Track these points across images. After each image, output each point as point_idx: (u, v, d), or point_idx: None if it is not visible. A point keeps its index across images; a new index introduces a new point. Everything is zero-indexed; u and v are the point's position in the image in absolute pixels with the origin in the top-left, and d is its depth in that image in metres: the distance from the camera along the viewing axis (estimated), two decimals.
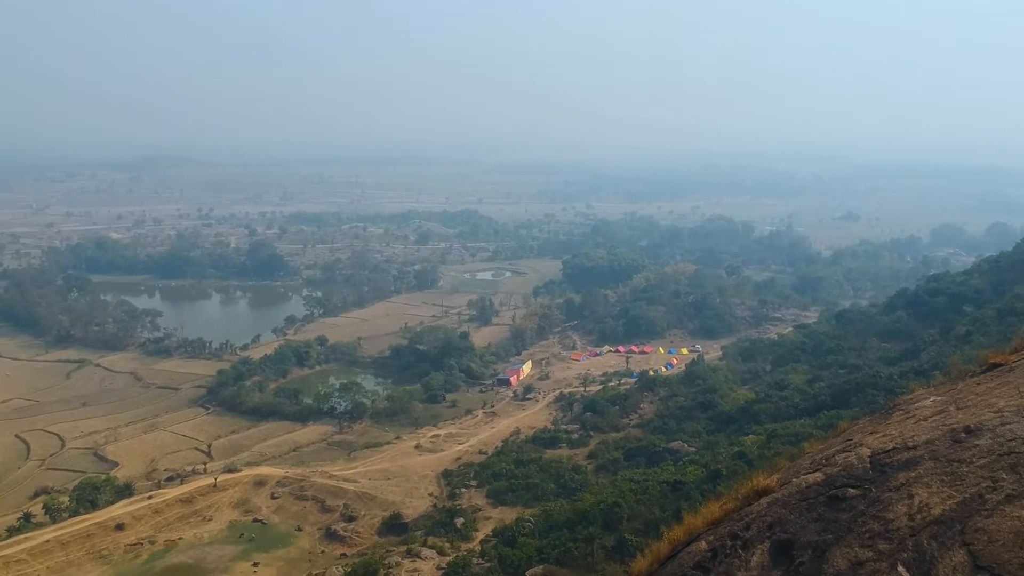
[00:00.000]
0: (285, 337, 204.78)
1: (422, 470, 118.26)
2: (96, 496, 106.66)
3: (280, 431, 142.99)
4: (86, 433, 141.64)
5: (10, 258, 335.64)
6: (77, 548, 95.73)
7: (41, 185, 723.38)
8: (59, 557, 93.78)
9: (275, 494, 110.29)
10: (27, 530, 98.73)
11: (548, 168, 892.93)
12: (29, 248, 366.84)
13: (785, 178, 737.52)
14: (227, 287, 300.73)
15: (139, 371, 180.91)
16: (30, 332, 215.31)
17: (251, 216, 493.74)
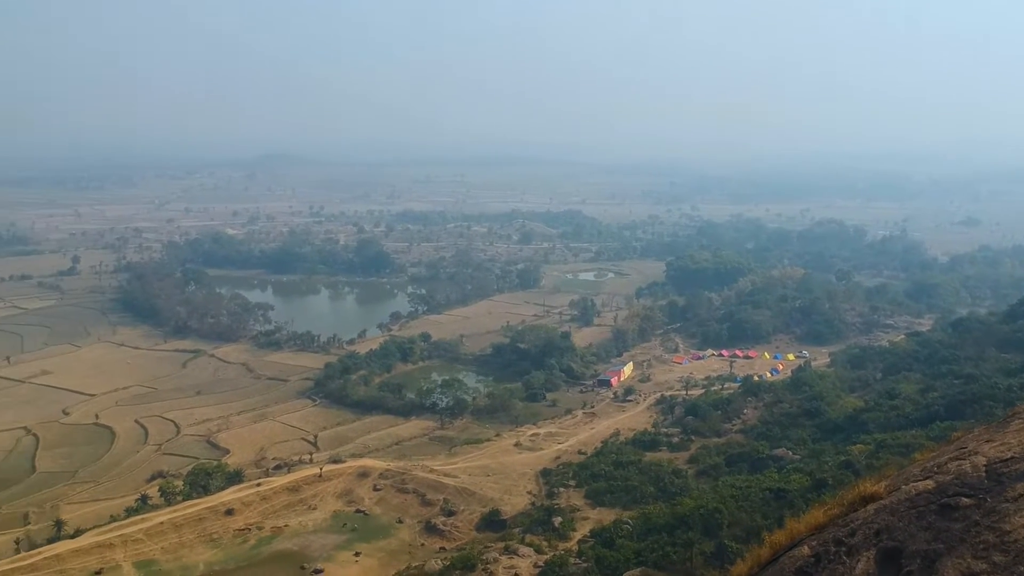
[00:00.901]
0: (390, 333, 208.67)
1: (521, 468, 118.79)
2: (208, 481, 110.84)
3: (383, 424, 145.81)
4: (200, 421, 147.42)
5: (133, 251, 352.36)
6: (189, 531, 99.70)
7: (163, 182, 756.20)
8: (172, 538, 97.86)
9: (377, 486, 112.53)
10: (144, 511, 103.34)
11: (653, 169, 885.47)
12: (151, 242, 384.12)
13: (900, 180, 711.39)
14: (335, 283, 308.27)
15: (251, 362, 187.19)
16: (150, 322, 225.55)
17: (360, 214, 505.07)
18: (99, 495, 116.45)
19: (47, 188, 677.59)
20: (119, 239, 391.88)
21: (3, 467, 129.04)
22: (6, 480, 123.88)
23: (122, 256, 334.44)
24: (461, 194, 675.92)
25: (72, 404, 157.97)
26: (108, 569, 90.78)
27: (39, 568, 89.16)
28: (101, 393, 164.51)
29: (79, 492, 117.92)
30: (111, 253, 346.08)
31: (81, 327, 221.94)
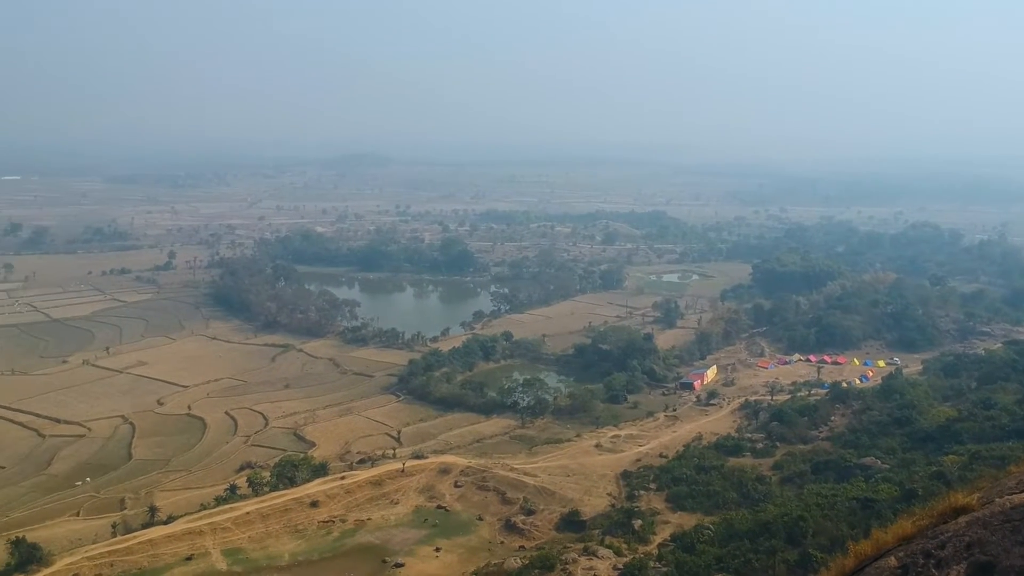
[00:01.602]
0: (473, 331, 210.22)
1: (601, 469, 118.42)
2: (294, 473, 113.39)
3: (465, 422, 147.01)
4: (287, 414, 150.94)
5: (226, 247, 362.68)
6: (276, 521, 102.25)
7: (256, 181, 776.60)
8: (259, 528, 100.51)
9: (458, 483, 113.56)
10: (233, 500, 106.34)
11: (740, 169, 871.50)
12: (243, 239, 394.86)
13: (999, 184, 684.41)
14: (420, 281, 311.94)
15: (337, 357, 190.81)
16: (242, 317, 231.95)
17: (444, 213, 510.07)
18: (190, 483, 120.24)
19: (146, 186, 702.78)
20: (213, 235, 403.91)
21: (102, 454, 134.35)
22: (104, 466, 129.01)
23: (215, 252, 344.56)
24: (545, 194, 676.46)
25: (166, 395, 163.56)
26: (198, 556, 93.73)
27: (134, 552, 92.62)
28: (194, 385, 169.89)
29: (172, 480, 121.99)
30: (205, 249, 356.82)
31: (176, 320, 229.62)
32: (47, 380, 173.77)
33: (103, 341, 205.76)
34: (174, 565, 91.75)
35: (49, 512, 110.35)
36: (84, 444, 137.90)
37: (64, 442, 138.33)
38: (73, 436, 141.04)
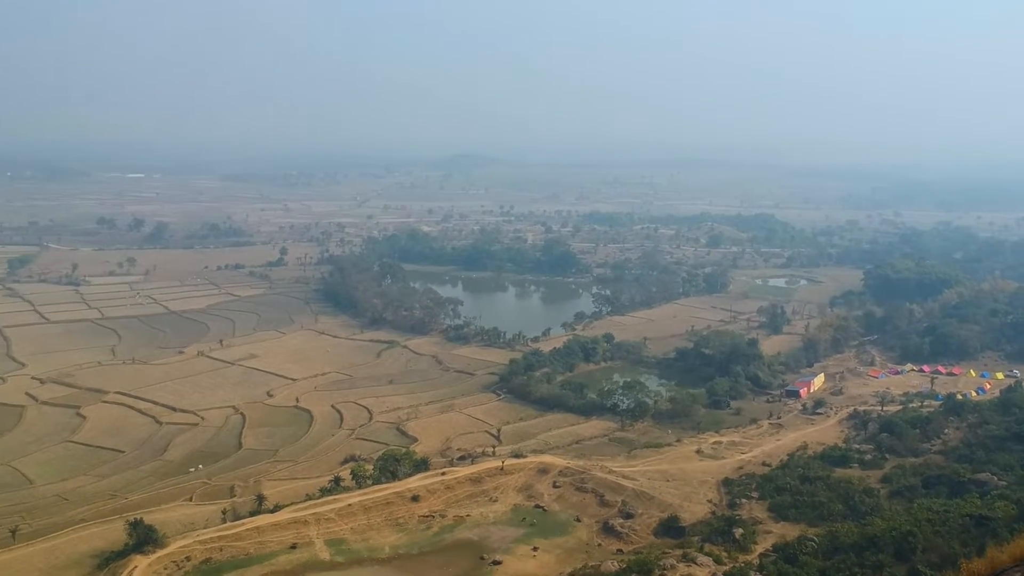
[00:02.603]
0: (574, 332, 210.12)
1: (702, 475, 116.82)
2: (396, 467, 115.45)
3: (564, 423, 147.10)
4: (391, 409, 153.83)
5: (335, 245, 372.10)
6: (377, 514, 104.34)
7: (365, 180, 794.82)
8: (361, 520, 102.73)
9: (557, 483, 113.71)
10: (336, 492, 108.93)
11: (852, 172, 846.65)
12: (351, 237, 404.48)
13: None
14: (522, 281, 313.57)
15: (440, 355, 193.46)
16: (349, 313, 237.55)
17: (548, 214, 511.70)
18: (297, 474, 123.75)
19: (260, 184, 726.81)
20: (323, 233, 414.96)
21: (214, 442, 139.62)
22: (216, 454, 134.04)
23: (325, 249, 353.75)
24: (649, 196, 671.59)
25: (276, 387, 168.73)
26: (302, 545, 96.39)
27: (242, 538, 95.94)
28: (302, 378, 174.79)
29: (279, 470, 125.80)
30: (315, 246, 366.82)
31: (286, 315, 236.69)
32: (165, 370, 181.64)
33: (217, 334, 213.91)
34: (279, 553, 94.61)
35: (164, 496, 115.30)
36: (198, 432, 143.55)
37: (179, 430, 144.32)
38: (187, 424, 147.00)
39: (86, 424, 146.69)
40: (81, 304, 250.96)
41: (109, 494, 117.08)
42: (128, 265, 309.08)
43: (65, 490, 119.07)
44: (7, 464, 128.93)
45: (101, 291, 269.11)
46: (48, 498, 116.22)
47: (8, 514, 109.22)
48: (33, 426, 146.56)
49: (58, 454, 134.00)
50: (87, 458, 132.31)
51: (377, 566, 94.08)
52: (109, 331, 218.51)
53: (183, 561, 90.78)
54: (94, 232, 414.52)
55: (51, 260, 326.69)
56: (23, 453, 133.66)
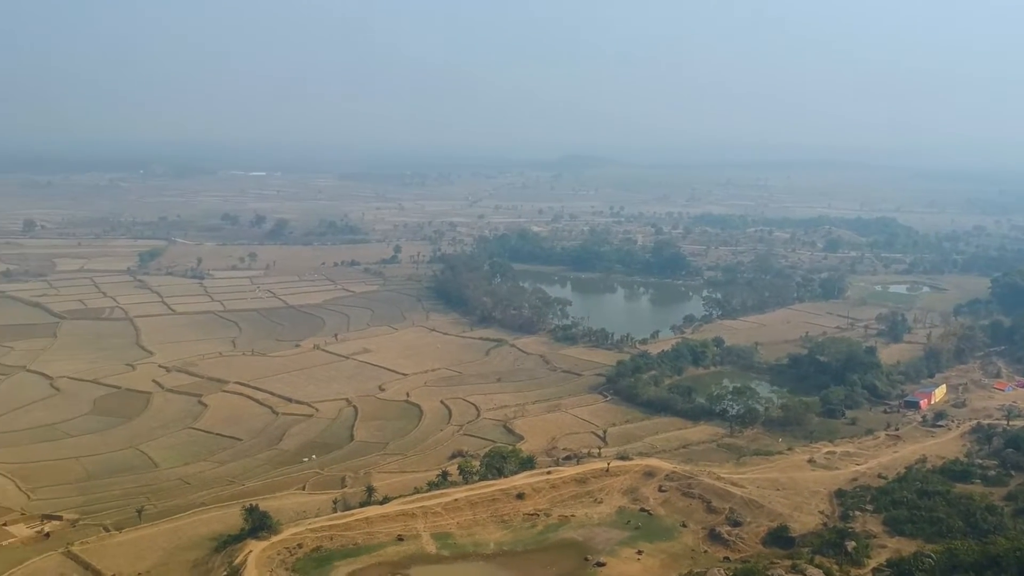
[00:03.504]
0: (683, 335, 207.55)
1: (813, 485, 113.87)
2: (502, 464, 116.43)
3: (671, 426, 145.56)
4: (498, 406, 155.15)
5: (447, 244, 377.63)
6: (483, 510, 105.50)
7: (477, 181, 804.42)
8: (467, 515, 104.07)
9: (663, 487, 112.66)
10: (444, 487, 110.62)
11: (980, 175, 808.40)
12: (463, 236, 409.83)
13: None
14: (631, 282, 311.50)
15: (547, 354, 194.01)
16: (459, 311, 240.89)
17: (658, 215, 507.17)
18: (405, 467, 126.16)
19: (376, 183, 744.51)
20: (435, 232, 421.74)
21: (327, 433, 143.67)
22: (328, 445, 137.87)
23: (437, 248, 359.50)
24: (763, 198, 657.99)
25: (387, 381, 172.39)
26: (409, 537, 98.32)
27: (352, 528, 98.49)
28: (412, 373, 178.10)
29: (389, 462, 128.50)
30: (428, 244, 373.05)
31: (398, 311, 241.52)
32: (282, 362, 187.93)
33: (332, 328, 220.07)
34: (387, 544, 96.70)
35: (279, 484, 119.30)
36: (312, 423, 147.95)
37: (294, 420, 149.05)
38: (302, 415, 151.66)
39: (207, 412, 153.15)
40: (205, 297, 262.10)
41: (227, 480, 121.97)
42: (250, 260, 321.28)
43: (187, 474, 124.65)
44: (135, 447, 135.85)
45: (224, 284, 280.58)
46: (172, 481, 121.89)
47: (135, 495, 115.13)
48: (159, 412, 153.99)
49: (181, 440, 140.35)
50: (208, 444, 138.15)
51: (482, 561, 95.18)
52: (231, 323, 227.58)
53: (295, 548, 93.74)
54: (218, 228, 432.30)
55: (178, 254, 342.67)
56: (150, 437, 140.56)
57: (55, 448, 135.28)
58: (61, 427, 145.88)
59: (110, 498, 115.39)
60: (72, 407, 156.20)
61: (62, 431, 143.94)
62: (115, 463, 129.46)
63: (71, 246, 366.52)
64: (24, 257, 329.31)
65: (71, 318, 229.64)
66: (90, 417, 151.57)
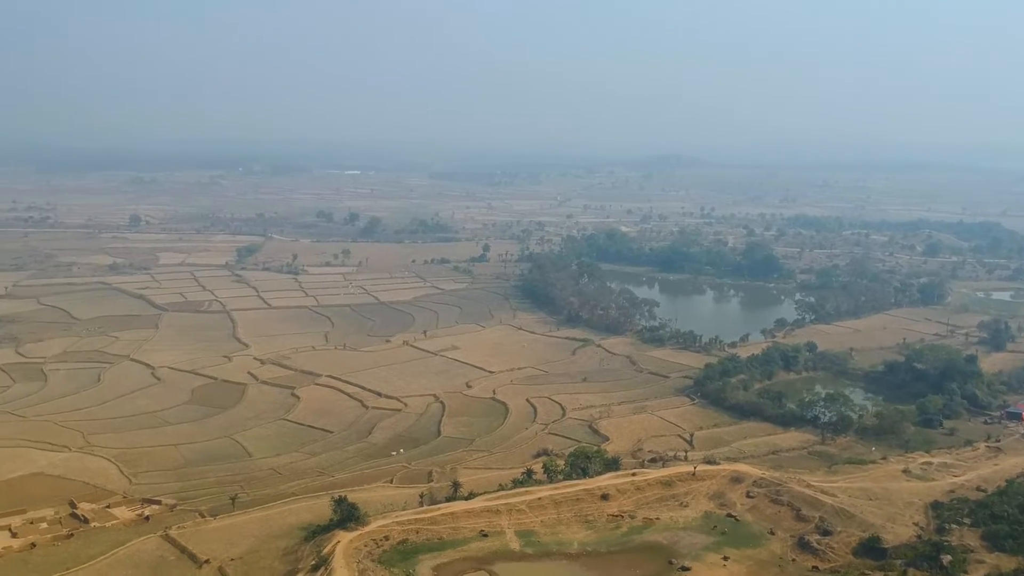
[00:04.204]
0: (773, 339, 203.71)
1: (908, 496, 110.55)
2: (587, 464, 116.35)
3: (760, 432, 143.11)
4: (583, 406, 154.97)
5: (535, 243, 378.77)
6: (567, 509, 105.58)
7: (566, 180, 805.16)
8: (551, 514, 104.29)
9: (751, 493, 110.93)
10: (528, 484, 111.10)
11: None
12: (551, 235, 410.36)
13: None
14: (721, 284, 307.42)
15: (634, 355, 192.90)
16: (546, 310, 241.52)
17: (750, 217, 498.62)
18: (491, 464, 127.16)
19: (466, 182, 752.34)
20: (523, 231, 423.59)
21: (415, 428, 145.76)
22: (416, 440, 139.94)
23: (525, 247, 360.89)
24: (861, 200, 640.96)
25: (474, 378, 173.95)
26: (493, 533, 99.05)
27: (437, 523, 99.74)
28: (499, 371, 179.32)
29: (474, 459, 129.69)
30: (516, 244, 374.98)
31: (486, 309, 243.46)
32: (373, 357, 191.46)
33: (421, 324, 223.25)
34: (471, 540, 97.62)
35: (367, 477, 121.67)
36: (400, 418, 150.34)
37: (383, 414, 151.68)
38: (391, 410, 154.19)
39: (300, 404, 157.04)
40: (299, 292, 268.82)
41: (318, 471, 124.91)
42: (343, 257, 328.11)
43: (279, 464, 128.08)
44: (230, 437, 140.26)
45: (317, 280, 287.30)
46: (264, 471, 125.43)
47: (229, 483, 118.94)
48: (253, 403, 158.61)
49: (274, 430, 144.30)
50: (299, 436, 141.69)
51: (565, 561, 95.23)
52: (323, 318, 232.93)
53: (382, 540, 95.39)
54: (313, 225, 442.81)
55: (274, 250, 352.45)
56: (244, 428, 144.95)
57: (155, 435, 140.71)
58: (161, 415, 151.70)
59: (206, 485, 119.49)
60: (172, 396, 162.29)
61: (162, 419, 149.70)
62: (211, 451, 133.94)
63: (173, 241, 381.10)
64: (129, 251, 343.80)
65: (172, 310, 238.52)
66: (188, 406, 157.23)
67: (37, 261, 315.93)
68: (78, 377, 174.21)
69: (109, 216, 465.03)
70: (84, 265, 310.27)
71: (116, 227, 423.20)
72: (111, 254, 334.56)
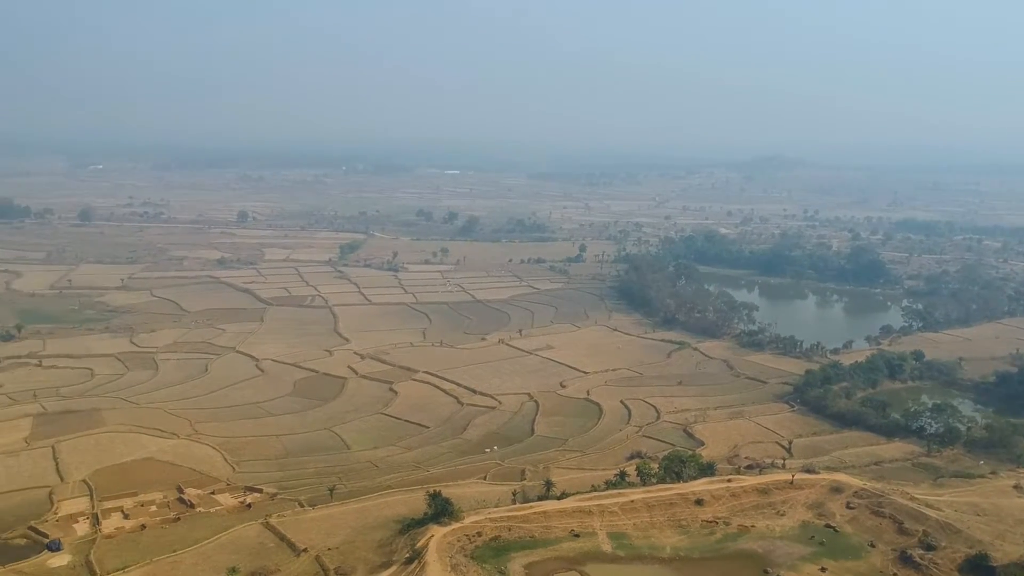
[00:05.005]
0: (878, 347, 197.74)
1: (1019, 513, 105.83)
2: (681, 469, 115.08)
3: (862, 441, 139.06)
4: (678, 410, 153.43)
5: (632, 244, 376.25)
6: (660, 513, 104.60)
7: (664, 181, 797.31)
8: (644, 517, 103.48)
9: (851, 504, 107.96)
10: (621, 487, 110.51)
11: None
12: (648, 236, 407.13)
13: None
14: (823, 289, 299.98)
15: (731, 360, 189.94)
16: (641, 311, 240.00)
17: (856, 220, 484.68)
18: (583, 464, 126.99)
19: (564, 182, 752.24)
20: (620, 232, 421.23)
21: (509, 426, 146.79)
22: (509, 438, 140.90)
23: (622, 248, 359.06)
24: (974, 204, 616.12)
25: (568, 378, 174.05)
26: (584, 534, 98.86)
27: (529, 521, 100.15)
28: (593, 372, 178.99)
29: (567, 459, 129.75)
30: (612, 244, 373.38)
31: (581, 310, 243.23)
32: (469, 354, 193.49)
33: (517, 323, 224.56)
34: (563, 540, 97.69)
35: (461, 472, 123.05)
36: (494, 415, 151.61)
37: (478, 411, 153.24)
38: (486, 407, 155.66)
39: (397, 399, 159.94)
40: (399, 289, 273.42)
41: (413, 465, 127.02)
42: (441, 255, 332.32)
43: (376, 457, 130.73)
44: (329, 429, 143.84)
45: (416, 278, 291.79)
46: (361, 463, 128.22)
47: (328, 474, 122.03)
48: (353, 397, 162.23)
49: (372, 424, 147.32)
50: (396, 430, 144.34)
51: (657, 565, 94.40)
52: (421, 315, 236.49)
53: (475, 536, 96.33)
54: (413, 223, 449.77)
55: (375, 247, 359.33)
56: (343, 420, 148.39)
57: (258, 425, 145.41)
58: (264, 406, 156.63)
59: (305, 475, 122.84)
60: (274, 388, 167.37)
61: (265, 410, 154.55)
62: (311, 443, 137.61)
63: (278, 237, 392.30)
64: (237, 246, 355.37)
65: (276, 304, 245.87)
66: (290, 398, 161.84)
67: (151, 255, 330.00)
68: (187, 367, 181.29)
69: (218, 212, 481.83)
70: (194, 259, 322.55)
71: (225, 223, 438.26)
72: (219, 249, 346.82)
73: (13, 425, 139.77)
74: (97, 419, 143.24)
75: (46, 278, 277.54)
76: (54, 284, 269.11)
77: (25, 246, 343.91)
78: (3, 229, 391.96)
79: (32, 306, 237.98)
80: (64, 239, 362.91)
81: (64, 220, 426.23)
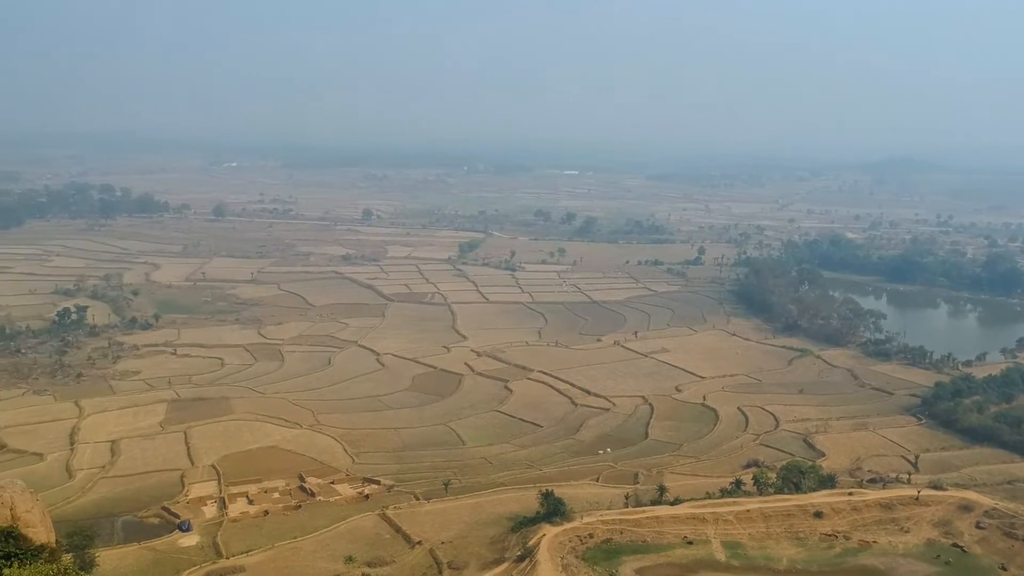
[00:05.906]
0: (1015, 360, 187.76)
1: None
2: (800, 480, 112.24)
3: (994, 459, 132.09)
4: (798, 419, 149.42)
5: (753, 247, 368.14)
6: (777, 524, 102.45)
7: (788, 183, 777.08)
8: (759, 527, 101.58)
9: (981, 523, 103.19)
10: (736, 495, 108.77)
11: None
12: (770, 240, 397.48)
13: None
14: (956, 298, 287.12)
15: (856, 369, 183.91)
16: (761, 316, 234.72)
17: (993, 226, 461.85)
18: (698, 471, 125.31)
19: (684, 184, 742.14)
20: (741, 235, 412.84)
21: (622, 428, 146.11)
22: (623, 440, 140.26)
23: (742, 251, 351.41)
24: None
25: (684, 383, 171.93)
26: (698, 542, 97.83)
27: (641, 525, 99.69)
28: (710, 377, 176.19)
29: (681, 464, 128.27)
30: (732, 247, 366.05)
31: (699, 313, 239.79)
32: (583, 355, 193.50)
33: (632, 325, 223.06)
34: (676, 546, 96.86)
35: (574, 473, 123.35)
36: (608, 417, 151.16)
37: (592, 412, 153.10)
38: (600, 408, 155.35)
39: (512, 397, 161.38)
40: (515, 288, 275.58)
41: (526, 463, 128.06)
42: (558, 255, 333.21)
43: (490, 454, 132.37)
44: (446, 424, 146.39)
45: (533, 277, 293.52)
46: (476, 459, 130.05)
47: (443, 468, 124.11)
48: (469, 393, 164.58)
49: (487, 421, 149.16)
50: (510, 428, 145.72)
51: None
52: (537, 315, 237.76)
53: (586, 537, 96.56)
54: (531, 223, 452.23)
55: (493, 246, 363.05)
56: (459, 416, 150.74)
57: (377, 418, 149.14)
58: (384, 399, 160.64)
59: (421, 469, 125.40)
60: (394, 382, 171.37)
61: (384, 403, 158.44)
62: (427, 437, 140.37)
63: (401, 235, 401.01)
64: (361, 243, 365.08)
65: (397, 300, 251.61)
66: (408, 392, 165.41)
67: (279, 250, 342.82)
68: (311, 359, 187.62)
69: (344, 210, 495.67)
70: (320, 255, 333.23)
71: (350, 220, 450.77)
72: (344, 245, 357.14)
73: (150, 410, 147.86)
74: (226, 407, 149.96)
75: (182, 270, 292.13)
76: (189, 276, 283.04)
77: (163, 239, 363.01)
78: (144, 223, 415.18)
79: (169, 297, 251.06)
80: (199, 233, 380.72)
81: (199, 215, 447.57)
